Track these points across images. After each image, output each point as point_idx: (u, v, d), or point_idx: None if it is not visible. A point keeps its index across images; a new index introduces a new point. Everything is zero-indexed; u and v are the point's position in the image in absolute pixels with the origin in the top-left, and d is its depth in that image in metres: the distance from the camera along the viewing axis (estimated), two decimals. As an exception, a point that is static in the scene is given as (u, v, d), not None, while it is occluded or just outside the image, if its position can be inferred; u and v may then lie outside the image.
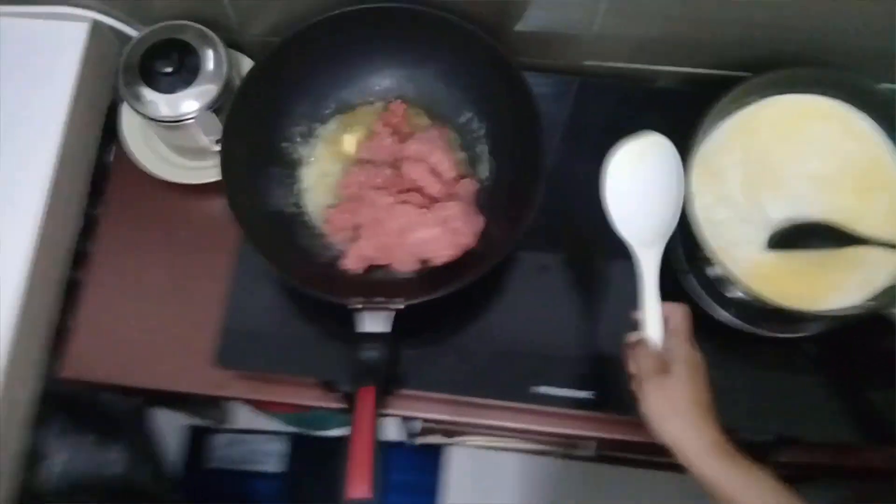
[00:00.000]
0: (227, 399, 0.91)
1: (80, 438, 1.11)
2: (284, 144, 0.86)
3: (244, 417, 1.70)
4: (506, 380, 0.83)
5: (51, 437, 1.05)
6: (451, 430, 1.47)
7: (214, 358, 0.82)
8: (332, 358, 0.80)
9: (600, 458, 1.50)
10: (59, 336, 0.89)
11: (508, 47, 0.88)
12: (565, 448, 1.42)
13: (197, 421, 1.69)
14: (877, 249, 0.75)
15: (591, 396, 0.81)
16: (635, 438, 0.84)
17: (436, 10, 0.78)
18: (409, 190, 0.80)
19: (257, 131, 0.81)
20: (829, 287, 0.77)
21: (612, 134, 0.90)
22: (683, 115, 0.79)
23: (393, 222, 0.78)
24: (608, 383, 0.81)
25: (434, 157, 0.82)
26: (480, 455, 1.66)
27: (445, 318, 0.86)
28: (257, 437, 1.68)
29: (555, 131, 0.91)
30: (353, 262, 0.79)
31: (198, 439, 1.70)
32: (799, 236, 0.77)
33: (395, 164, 0.83)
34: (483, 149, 0.86)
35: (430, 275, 0.79)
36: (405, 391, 0.86)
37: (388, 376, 0.70)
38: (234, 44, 0.92)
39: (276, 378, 0.86)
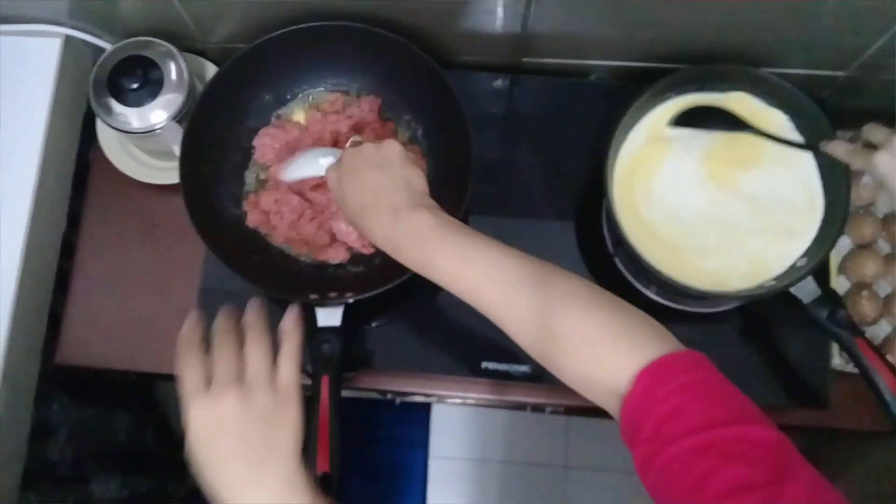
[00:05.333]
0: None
1: (82, 412, 1.21)
2: (243, 147, 0.92)
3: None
4: (459, 356, 0.92)
5: (54, 414, 1.15)
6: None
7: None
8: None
9: (567, 411, 1.60)
10: (54, 324, 0.98)
11: (448, 48, 0.95)
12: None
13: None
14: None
15: (528, 370, 0.90)
16: (563, 402, 0.94)
17: (373, 26, 0.85)
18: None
19: (216, 139, 0.88)
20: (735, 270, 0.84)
21: (549, 127, 0.98)
22: (612, 107, 0.86)
23: (290, 214, 0.87)
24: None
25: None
26: (463, 410, 1.77)
27: (403, 301, 0.94)
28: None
29: (495, 125, 0.98)
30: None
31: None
32: (698, 119, 0.85)
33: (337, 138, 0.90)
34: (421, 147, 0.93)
35: (378, 269, 0.86)
36: (370, 369, 0.96)
37: (341, 365, 0.78)
38: (197, 51, 1.00)
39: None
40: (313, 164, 0.80)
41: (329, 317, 0.79)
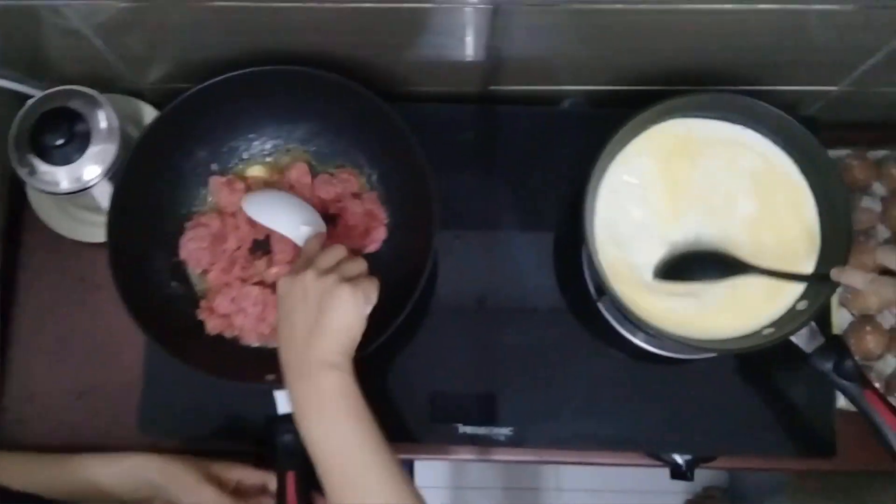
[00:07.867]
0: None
1: None
2: (181, 212, 0.84)
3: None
4: (436, 419, 0.84)
5: None
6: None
7: (137, 425, 0.83)
8: (254, 424, 0.79)
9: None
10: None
11: (406, 80, 0.87)
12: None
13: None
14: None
15: (510, 433, 0.82)
16: (549, 460, 0.87)
17: (318, 65, 0.76)
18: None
19: (151, 201, 0.80)
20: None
21: (522, 160, 0.91)
22: (589, 136, 0.78)
23: (254, 308, 0.79)
24: (524, 419, 0.83)
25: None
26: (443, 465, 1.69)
27: (370, 366, 0.86)
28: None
29: (463, 161, 0.90)
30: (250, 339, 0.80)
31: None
32: (684, 266, 0.77)
33: None
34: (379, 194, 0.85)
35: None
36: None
37: (308, 459, 0.70)
38: (133, 92, 0.91)
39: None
40: (291, 226, 0.73)
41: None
